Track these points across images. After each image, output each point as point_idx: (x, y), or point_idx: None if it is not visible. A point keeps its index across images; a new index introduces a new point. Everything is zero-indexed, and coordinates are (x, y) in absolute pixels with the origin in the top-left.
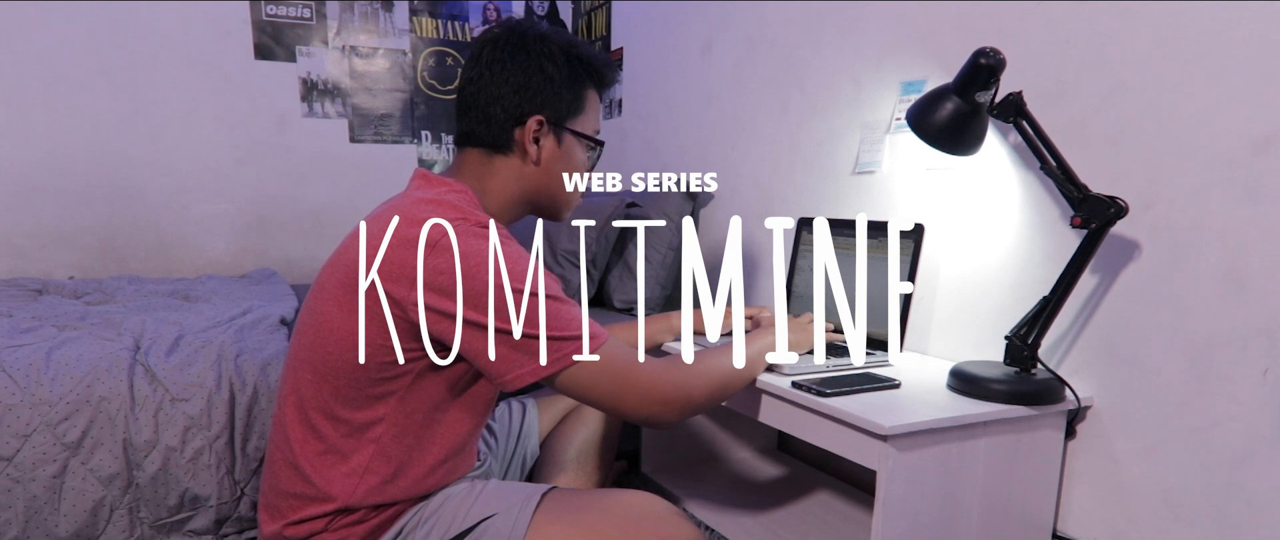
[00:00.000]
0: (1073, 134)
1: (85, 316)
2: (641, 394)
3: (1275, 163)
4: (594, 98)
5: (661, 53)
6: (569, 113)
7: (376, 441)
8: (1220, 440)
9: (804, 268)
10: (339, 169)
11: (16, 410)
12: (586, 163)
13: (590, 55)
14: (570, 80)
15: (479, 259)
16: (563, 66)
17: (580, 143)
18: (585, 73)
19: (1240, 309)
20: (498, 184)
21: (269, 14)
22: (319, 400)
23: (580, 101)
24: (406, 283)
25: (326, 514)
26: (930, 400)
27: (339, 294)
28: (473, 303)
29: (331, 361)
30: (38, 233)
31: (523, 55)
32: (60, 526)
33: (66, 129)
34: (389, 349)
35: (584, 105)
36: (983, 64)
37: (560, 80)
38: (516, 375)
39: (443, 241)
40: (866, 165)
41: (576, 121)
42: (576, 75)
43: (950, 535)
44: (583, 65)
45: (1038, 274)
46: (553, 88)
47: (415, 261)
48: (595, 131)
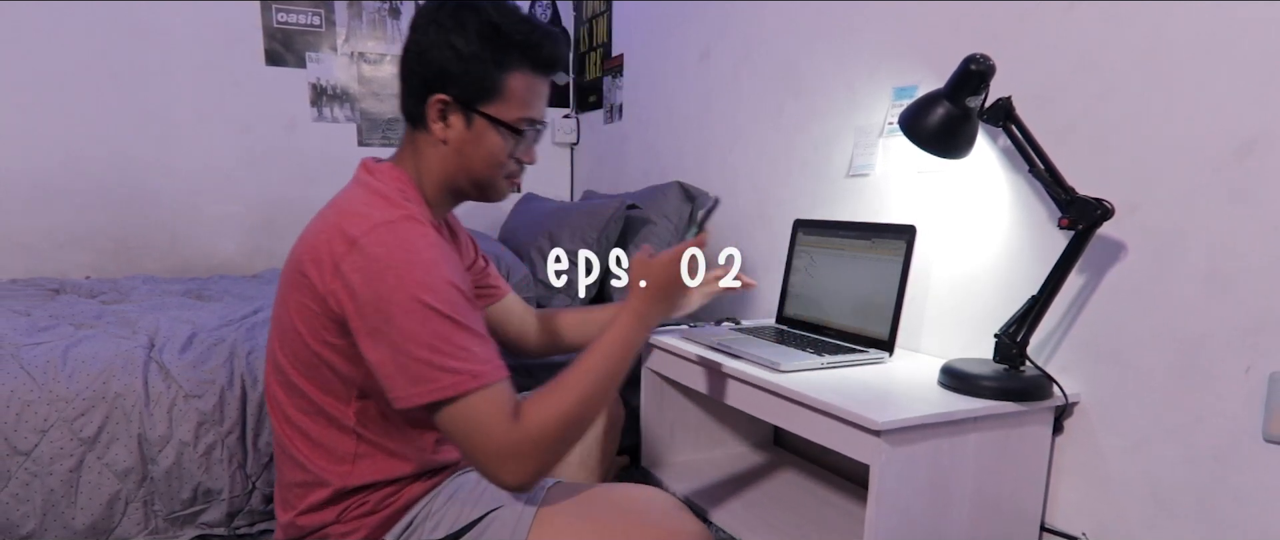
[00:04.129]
0: (1061, 138)
1: (101, 315)
2: (491, 455)
3: (1258, 166)
4: (522, 79)
5: (661, 58)
6: (480, 94)
7: (357, 430)
8: (1204, 435)
9: (799, 268)
10: (347, 172)
11: (35, 406)
12: (506, 149)
13: (520, 32)
14: (485, 58)
15: (384, 263)
16: (476, 42)
17: (496, 128)
18: (509, 51)
19: (1224, 308)
20: (427, 164)
21: (279, 21)
22: (296, 394)
23: (497, 83)
24: (328, 276)
25: (332, 502)
26: (922, 396)
27: (285, 291)
28: (371, 308)
29: (293, 355)
30: (54, 234)
31: (434, 27)
32: (77, 519)
33: (82, 133)
34: (331, 343)
35: (503, 87)
36: (973, 70)
37: (469, 57)
38: (394, 395)
39: (360, 240)
40: (860, 168)
41: (492, 105)
42: (496, 54)
43: (941, 528)
44: (506, 43)
45: (1026, 274)
46: (461, 65)
47: (334, 258)
48: (521, 118)
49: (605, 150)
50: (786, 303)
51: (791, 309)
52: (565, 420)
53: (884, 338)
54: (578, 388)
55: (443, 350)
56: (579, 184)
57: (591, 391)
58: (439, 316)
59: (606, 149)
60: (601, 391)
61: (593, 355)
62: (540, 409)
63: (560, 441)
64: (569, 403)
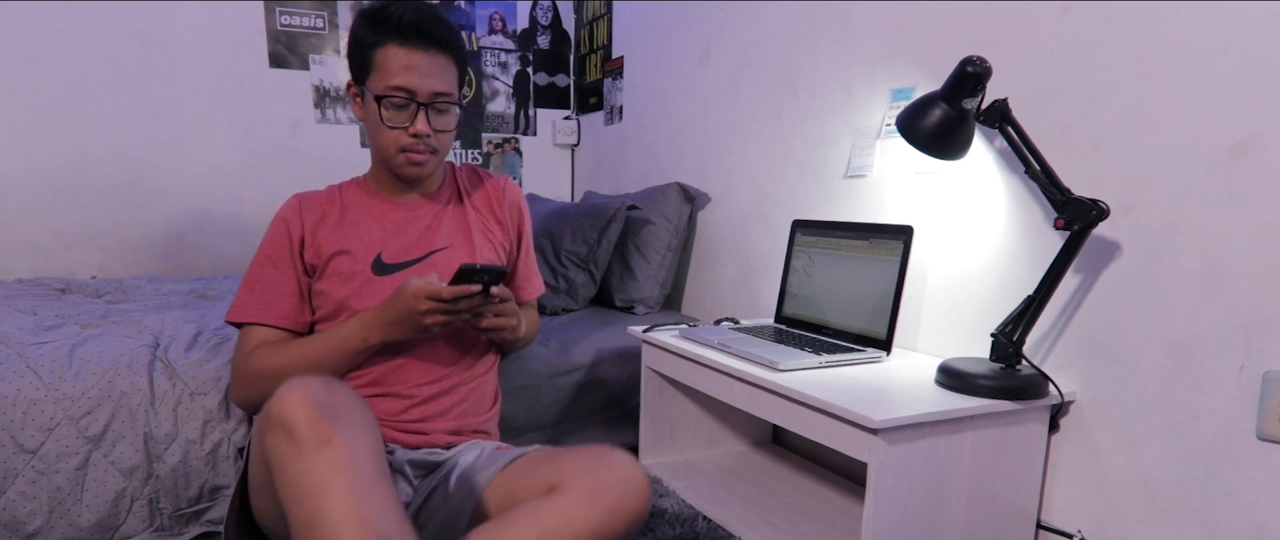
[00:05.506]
0: (1057, 139)
1: (107, 314)
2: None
3: (1251, 167)
4: (388, 52)
5: (661, 61)
6: (362, 73)
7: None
8: (1198, 434)
9: (797, 268)
10: (350, 173)
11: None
12: (390, 119)
13: (387, 15)
14: (361, 40)
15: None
16: (358, 29)
17: (376, 102)
18: (376, 28)
19: (1217, 307)
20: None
21: (283, 24)
22: None
23: (370, 59)
24: None
25: None
26: (919, 395)
27: None
28: None
29: None
30: (61, 234)
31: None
32: (82, 516)
33: (88, 135)
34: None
35: (374, 62)
36: (970, 72)
37: (354, 42)
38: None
39: None
40: (858, 169)
41: (371, 80)
42: (369, 34)
43: (938, 525)
44: (370, 22)
45: (1022, 274)
46: (355, 52)
47: None
48: (389, 86)
49: (605, 151)
50: (785, 302)
51: (790, 308)
52: (269, 374)
53: (881, 337)
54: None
55: (245, 283)
56: (580, 185)
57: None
58: (257, 257)
59: (607, 150)
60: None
61: (323, 340)
62: (264, 358)
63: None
64: (276, 364)
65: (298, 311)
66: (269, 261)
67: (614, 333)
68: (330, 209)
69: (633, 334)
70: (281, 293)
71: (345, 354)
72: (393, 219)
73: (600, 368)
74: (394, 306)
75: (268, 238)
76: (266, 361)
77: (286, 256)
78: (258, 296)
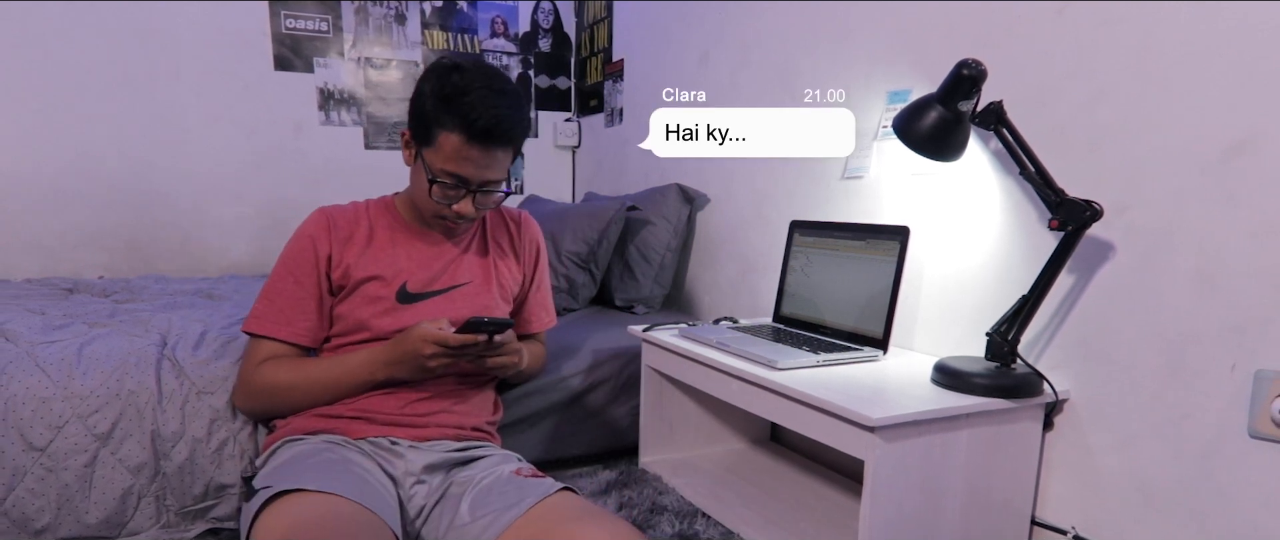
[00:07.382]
0: (1053, 140)
1: (114, 314)
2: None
3: (1245, 167)
4: (450, 140)
5: (661, 62)
6: (421, 139)
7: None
8: (1191, 432)
9: (795, 268)
10: (353, 174)
11: (50, 403)
12: (438, 195)
13: (464, 102)
14: (430, 113)
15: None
16: (431, 98)
17: (426, 170)
18: (449, 113)
19: (1211, 307)
20: (410, 181)
21: (288, 27)
22: None
23: (431, 135)
24: None
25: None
26: (915, 393)
27: None
28: None
29: None
30: (68, 234)
31: (425, 74)
32: (90, 514)
33: (94, 136)
34: None
35: (434, 140)
36: (965, 74)
37: (422, 107)
38: None
39: None
40: (855, 170)
41: (427, 151)
42: (438, 112)
43: (934, 521)
44: (446, 107)
45: (1017, 274)
46: (417, 110)
47: None
48: (442, 170)
49: (606, 153)
50: (783, 302)
51: (788, 308)
52: (276, 391)
53: (878, 336)
54: (299, 380)
55: (264, 294)
56: (580, 186)
57: (304, 389)
58: (278, 268)
59: (607, 152)
60: (313, 396)
61: (331, 368)
62: (273, 373)
63: (268, 402)
64: (283, 382)
65: (314, 329)
66: (291, 275)
67: (614, 332)
68: (357, 230)
69: (633, 333)
70: (301, 310)
71: (349, 386)
72: (420, 250)
73: (600, 367)
74: (400, 347)
75: (291, 250)
76: (275, 377)
77: (310, 272)
78: (276, 310)
